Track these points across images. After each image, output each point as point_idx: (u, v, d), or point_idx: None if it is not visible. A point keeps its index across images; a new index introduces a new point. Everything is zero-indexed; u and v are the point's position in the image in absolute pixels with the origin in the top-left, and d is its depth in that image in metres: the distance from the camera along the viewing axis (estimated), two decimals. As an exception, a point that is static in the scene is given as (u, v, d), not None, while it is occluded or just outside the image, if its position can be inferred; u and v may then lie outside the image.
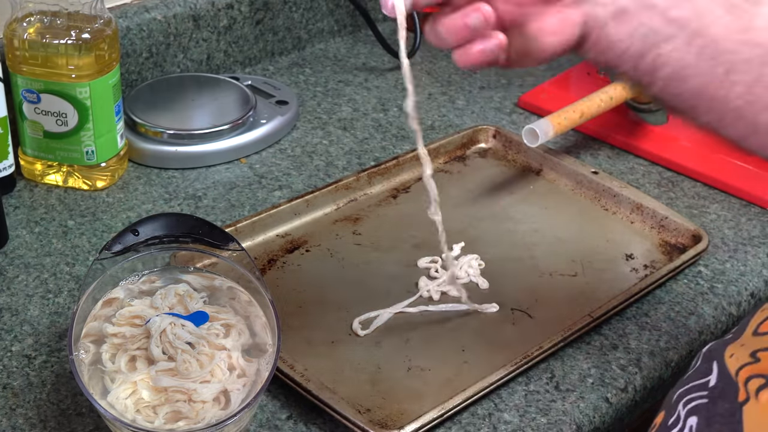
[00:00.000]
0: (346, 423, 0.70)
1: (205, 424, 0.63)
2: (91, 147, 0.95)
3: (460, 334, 0.81)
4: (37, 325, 0.80)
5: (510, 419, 0.74)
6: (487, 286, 0.86)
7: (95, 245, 0.89)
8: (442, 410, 0.71)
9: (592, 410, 0.75)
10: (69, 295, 0.83)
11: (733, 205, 1.00)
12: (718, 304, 0.87)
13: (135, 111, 1.02)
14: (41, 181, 0.97)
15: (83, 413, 0.72)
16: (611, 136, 1.09)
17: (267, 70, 1.20)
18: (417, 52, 1.24)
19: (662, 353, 0.81)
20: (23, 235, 0.90)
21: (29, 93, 0.93)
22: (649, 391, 0.80)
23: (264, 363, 0.67)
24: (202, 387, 0.65)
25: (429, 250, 0.90)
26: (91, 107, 0.93)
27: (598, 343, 0.81)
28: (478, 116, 1.14)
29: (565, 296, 0.86)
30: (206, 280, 0.73)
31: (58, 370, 0.76)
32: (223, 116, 1.05)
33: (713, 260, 0.92)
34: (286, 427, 0.72)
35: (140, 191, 0.97)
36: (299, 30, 1.24)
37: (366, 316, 0.82)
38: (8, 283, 0.84)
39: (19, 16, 0.91)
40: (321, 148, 1.06)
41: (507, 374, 0.75)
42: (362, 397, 0.73)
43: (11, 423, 0.71)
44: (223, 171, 1.02)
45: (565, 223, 0.95)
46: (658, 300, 0.87)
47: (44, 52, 0.90)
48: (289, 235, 0.91)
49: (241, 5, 1.15)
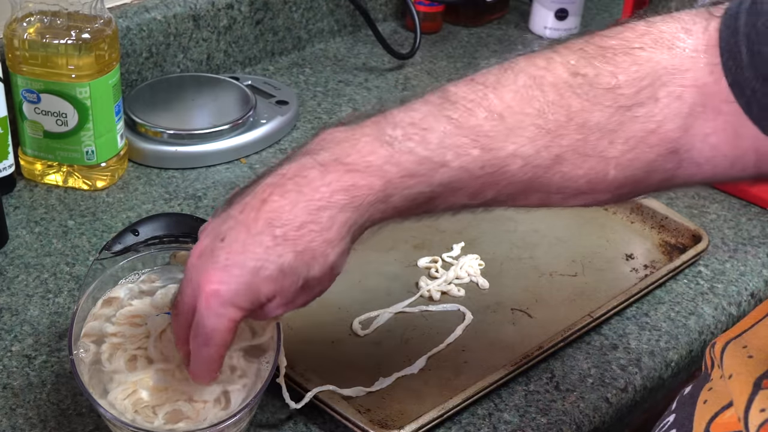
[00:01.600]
0: (346, 423, 0.70)
1: (205, 425, 0.63)
2: (91, 147, 0.95)
3: (460, 334, 0.81)
4: (37, 325, 0.80)
5: (510, 419, 0.74)
6: (487, 286, 0.86)
7: (95, 245, 0.89)
8: (442, 410, 0.71)
9: (592, 410, 0.75)
10: (69, 295, 0.83)
11: (733, 205, 1.00)
12: (718, 304, 0.87)
13: (135, 111, 1.02)
14: (41, 181, 0.97)
15: (83, 413, 0.72)
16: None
17: (267, 70, 1.20)
18: (417, 51, 1.24)
19: (662, 353, 0.81)
20: (23, 235, 0.90)
21: (29, 93, 0.93)
22: (649, 391, 0.80)
23: (264, 363, 0.67)
24: (203, 387, 0.65)
25: (429, 250, 0.90)
26: (91, 107, 0.93)
27: (598, 343, 0.81)
28: (478, 116, 1.13)
29: (565, 296, 0.86)
30: (206, 280, 0.73)
31: (58, 370, 0.76)
32: (223, 116, 1.05)
33: (713, 260, 0.92)
34: (286, 427, 0.72)
35: (140, 191, 0.97)
36: (299, 30, 1.24)
37: (366, 316, 0.82)
38: (8, 283, 0.84)
39: (19, 16, 0.91)
40: (321, 148, 1.06)
41: (507, 374, 0.75)
42: (362, 397, 0.73)
43: (11, 423, 0.71)
44: (223, 171, 1.02)
45: (565, 223, 0.95)
46: (658, 300, 0.87)
47: (44, 52, 0.90)
48: (289, 235, 0.91)
49: (241, 5, 1.15)
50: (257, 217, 0.57)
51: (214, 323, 0.58)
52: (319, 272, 0.59)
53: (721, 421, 0.58)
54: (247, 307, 0.58)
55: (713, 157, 0.61)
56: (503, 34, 1.35)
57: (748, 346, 0.59)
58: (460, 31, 1.34)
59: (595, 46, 0.61)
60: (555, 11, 1.31)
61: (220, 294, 0.57)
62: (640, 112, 0.60)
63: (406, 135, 0.59)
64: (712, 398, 0.60)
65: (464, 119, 0.59)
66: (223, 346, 0.60)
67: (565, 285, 0.87)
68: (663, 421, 0.63)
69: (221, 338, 0.59)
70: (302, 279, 0.58)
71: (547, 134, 0.59)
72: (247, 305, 0.58)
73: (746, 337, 0.61)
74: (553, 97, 0.60)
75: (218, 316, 0.58)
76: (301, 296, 0.60)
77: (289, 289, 0.58)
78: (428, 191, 0.60)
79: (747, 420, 0.56)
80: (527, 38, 1.34)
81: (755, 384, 0.56)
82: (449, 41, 1.31)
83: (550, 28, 1.33)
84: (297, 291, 0.59)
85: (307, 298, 0.61)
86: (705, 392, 0.61)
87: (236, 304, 0.58)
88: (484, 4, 1.35)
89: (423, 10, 1.29)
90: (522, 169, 0.60)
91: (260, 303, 0.59)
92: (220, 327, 0.58)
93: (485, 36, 1.34)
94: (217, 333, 0.59)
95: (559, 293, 0.86)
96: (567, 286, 0.87)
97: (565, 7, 1.31)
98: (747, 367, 0.58)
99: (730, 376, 0.59)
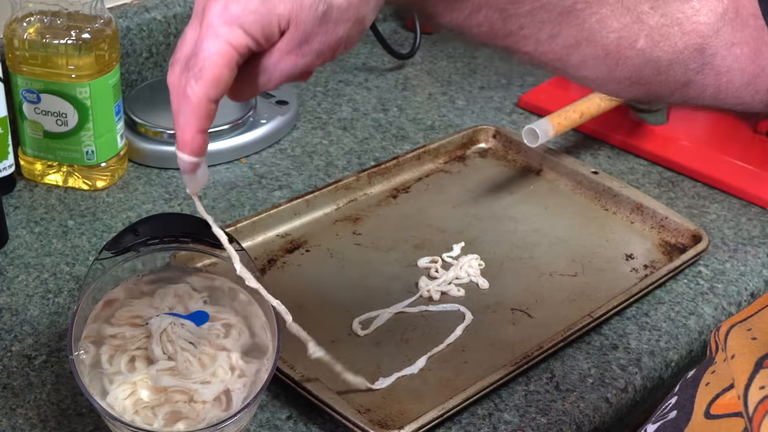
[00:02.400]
0: (346, 423, 0.70)
1: (205, 425, 0.63)
2: (91, 147, 0.95)
3: (460, 334, 0.81)
4: (37, 325, 0.80)
5: (510, 419, 0.74)
6: (487, 286, 0.86)
7: (95, 245, 0.89)
8: (442, 410, 0.71)
9: (592, 410, 0.75)
10: (69, 295, 0.83)
11: (733, 205, 1.00)
12: (718, 304, 0.87)
13: (135, 111, 1.02)
14: (41, 181, 0.97)
15: (83, 413, 0.72)
16: (611, 136, 1.09)
17: (267, 70, 1.20)
18: (417, 51, 1.24)
19: (662, 353, 0.81)
20: (23, 235, 0.90)
21: (29, 93, 0.93)
22: (649, 391, 0.80)
23: (264, 363, 0.67)
24: (203, 387, 0.65)
25: (429, 250, 0.90)
26: (91, 107, 0.93)
27: (598, 343, 0.81)
28: (478, 116, 1.14)
29: (565, 296, 0.86)
30: (206, 280, 0.73)
31: (58, 370, 0.76)
32: (223, 116, 1.04)
33: (713, 260, 0.92)
34: (286, 427, 0.72)
35: (140, 191, 0.97)
36: (299, 30, 1.23)
37: (366, 316, 0.82)
38: (8, 283, 0.84)
39: (19, 16, 0.91)
40: (321, 148, 1.06)
41: (507, 374, 0.75)
42: (362, 397, 0.73)
43: (11, 423, 0.71)
44: (223, 171, 1.02)
45: (565, 223, 0.95)
46: (658, 300, 0.87)
47: (44, 52, 0.90)
48: (289, 235, 0.91)
49: (241, 5, 1.15)
50: None
51: (211, 46, 0.51)
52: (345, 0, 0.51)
53: (722, 402, 0.58)
54: (256, 34, 0.51)
55: (733, 68, 0.62)
56: (503, 34, 1.34)
57: (753, 329, 0.60)
58: (460, 31, 1.34)
59: None
60: (555, 11, 1.31)
61: (228, 9, 0.50)
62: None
63: None
64: (714, 380, 0.60)
65: None
66: (213, 84, 0.52)
67: (565, 285, 0.87)
68: (665, 404, 0.63)
69: (214, 69, 0.52)
70: (325, 2, 0.51)
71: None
72: (257, 31, 0.51)
73: (752, 321, 0.61)
74: None
75: (218, 36, 0.51)
76: (319, 34, 0.52)
77: (307, 14, 0.51)
78: None
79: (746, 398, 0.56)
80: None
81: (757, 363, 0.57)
82: (449, 41, 1.31)
83: (550, 28, 1.33)
84: (316, 22, 0.51)
85: (326, 40, 0.52)
86: (708, 375, 0.61)
87: (244, 25, 0.51)
88: (484, 4, 1.35)
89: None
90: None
91: (272, 32, 0.51)
92: (216, 51, 0.51)
93: (485, 36, 1.34)
94: (211, 60, 0.51)
95: (559, 293, 0.86)
96: (567, 286, 0.87)
97: (565, 7, 1.31)
98: (750, 347, 0.58)
99: (732, 356, 0.59)
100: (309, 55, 0.53)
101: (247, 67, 0.54)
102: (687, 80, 0.63)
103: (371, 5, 0.53)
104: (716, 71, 0.63)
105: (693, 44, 0.62)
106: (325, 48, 0.53)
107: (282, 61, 0.53)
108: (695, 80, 0.63)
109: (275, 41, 0.52)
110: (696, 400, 0.60)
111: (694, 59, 0.62)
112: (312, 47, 0.52)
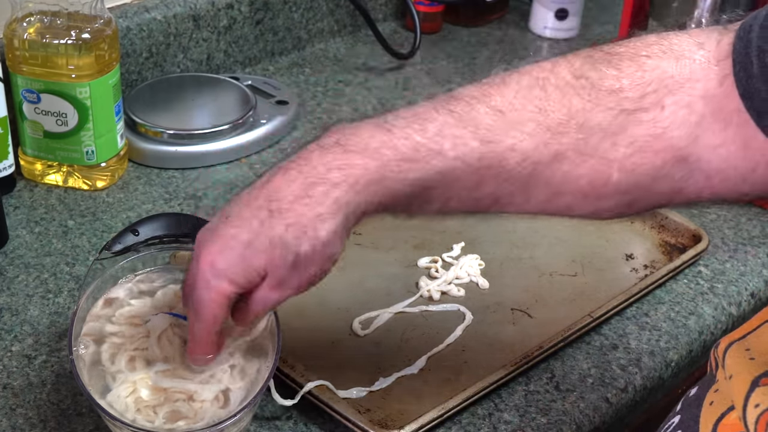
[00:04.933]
0: (346, 423, 0.70)
1: (204, 424, 0.63)
2: (91, 147, 0.95)
3: (460, 334, 0.81)
4: (37, 325, 0.80)
5: (510, 419, 0.74)
6: (487, 286, 0.86)
7: (95, 245, 0.89)
8: (442, 410, 0.71)
9: (592, 410, 0.75)
10: (69, 295, 0.83)
11: (733, 205, 0.99)
12: (718, 304, 0.87)
13: (135, 111, 1.02)
14: (41, 181, 0.97)
15: (83, 413, 0.72)
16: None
17: (267, 70, 1.20)
18: (417, 51, 1.24)
19: (662, 353, 0.81)
20: (23, 235, 0.90)
21: (29, 93, 0.93)
22: (649, 391, 0.80)
23: (264, 363, 0.67)
24: (203, 387, 0.65)
25: (429, 250, 0.90)
26: (91, 107, 0.93)
27: (598, 343, 0.81)
28: (478, 116, 1.13)
29: (565, 296, 0.86)
30: (206, 280, 0.73)
31: (58, 370, 0.76)
32: (223, 116, 1.05)
33: (713, 260, 0.92)
34: (286, 427, 0.72)
35: (140, 191, 0.97)
36: (299, 30, 1.24)
37: (366, 316, 0.82)
38: (8, 283, 0.84)
39: (19, 16, 0.91)
40: (321, 148, 1.06)
41: (507, 374, 0.75)
42: (362, 397, 0.73)
43: (11, 423, 0.71)
44: (223, 171, 1.02)
45: (565, 223, 0.95)
46: (658, 300, 0.87)
47: (44, 52, 0.90)
48: (289, 235, 0.91)
49: (241, 5, 1.15)
50: (258, 195, 0.59)
51: (204, 295, 0.59)
52: (310, 248, 0.58)
53: (727, 422, 0.58)
54: (241, 282, 0.59)
55: (723, 169, 0.61)
56: (503, 34, 1.35)
57: (751, 348, 0.59)
58: (460, 31, 1.34)
59: (603, 53, 0.61)
60: (555, 11, 1.31)
61: (215, 265, 0.59)
62: (644, 117, 0.60)
63: (407, 123, 0.60)
64: (718, 399, 0.60)
65: (465, 112, 0.60)
66: (211, 322, 0.61)
67: (565, 285, 0.87)
68: (668, 422, 0.63)
69: (209, 312, 0.60)
70: (292, 254, 0.58)
71: (547, 131, 0.60)
72: (241, 280, 0.59)
73: (750, 339, 0.60)
74: (554, 96, 0.60)
75: (209, 288, 0.59)
76: (293, 276, 0.60)
77: (279, 264, 0.59)
78: (424, 179, 0.60)
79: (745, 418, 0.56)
80: (527, 38, 1.34)
81: (753, 382, 0.57)
82: (449, 41, 1.31)
83: (550, 28, 1.33)
84: (288, 268, 0.59)
85: (301, 279, 0.60)
86: (711, 394, 0.61)
87: (229, 276, 0.59)
88: (484, 4, 1.35)
89: (423, 10, 1.29)
90: (521, 164, 0.60)
91: (253, 279, 0.59)
92: (208, 299, 0.59)
93: (485, 36, 1.34)
94: (205, 306, 0.60)
95: (559, 293, 0.86)
96: (567, 286, 0.87)
97: (565, 7, 1.31)
98: (748, 367, 0.58)
99: (730, 376, 0.59)
100: (288, 289, 0.61)
101: (241, 301, 0.62)
102: (678, 188, 0.62)
103: (337, 243, 0.60)
104: (705, 174, 0.61)
105: (671, 158, 0.61)
106: (302, 283, 0.61)
107: (267, 296, 0.61)
108: (687, 187, 0.62)
109: (259, 283, 0.60)
110: (701, 420, 0.60)
111: (678, 170, 0.61)
112: (290, 284, 0.60)
